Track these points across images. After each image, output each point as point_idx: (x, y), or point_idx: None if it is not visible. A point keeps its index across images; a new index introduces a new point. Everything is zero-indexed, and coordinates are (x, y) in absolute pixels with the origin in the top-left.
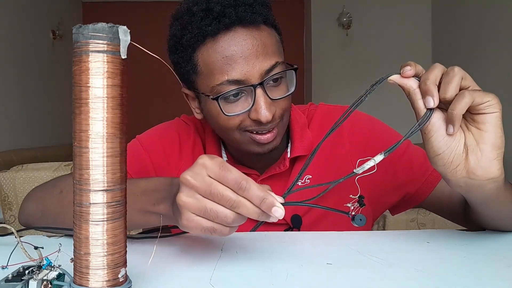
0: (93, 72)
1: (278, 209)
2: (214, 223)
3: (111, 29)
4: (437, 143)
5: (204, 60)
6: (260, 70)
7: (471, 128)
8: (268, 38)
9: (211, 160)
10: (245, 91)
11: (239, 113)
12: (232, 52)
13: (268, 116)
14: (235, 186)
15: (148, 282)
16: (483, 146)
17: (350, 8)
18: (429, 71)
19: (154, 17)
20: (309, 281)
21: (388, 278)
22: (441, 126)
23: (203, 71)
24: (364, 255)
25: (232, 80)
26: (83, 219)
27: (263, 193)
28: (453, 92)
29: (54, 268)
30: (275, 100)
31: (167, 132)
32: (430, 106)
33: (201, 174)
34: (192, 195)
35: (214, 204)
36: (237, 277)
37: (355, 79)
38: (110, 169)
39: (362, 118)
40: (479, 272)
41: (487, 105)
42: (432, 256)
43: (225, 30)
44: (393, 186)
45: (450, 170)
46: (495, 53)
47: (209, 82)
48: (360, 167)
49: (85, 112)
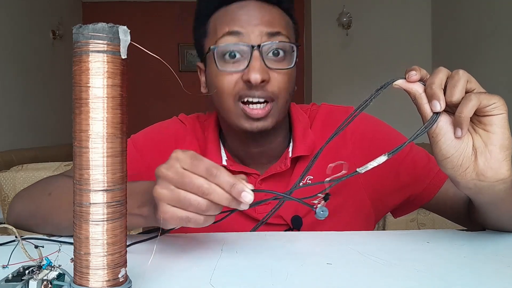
0: (93, 72)
1: (247, 194)
2: (189, 212)
3: (111, 29)
4: (445, 146)
5: (213, 21)
6: (260, 30)
7: (478, 130)
8: (278, 15)
9: (183, 153)
10: (244, 53)
11: (232, 70)
12: (238, 13)
13: (258, 78)
14: (206, 174)
15: (148, 282)
16: (491, 147)
17: (350, 8)
18: (434, 75)
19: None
20: (309, 281)
21: (388, 278)
22: (448, 129)
23: (211, 31)
24: (364, 255)
25: (232, 31)
26: (83, 219)
27: (233, 179)
28: (460, 95)
29: (54, 268)
30: (271, 69)
31: (162, 133)
32: (437, 110)
33: (175, 166)
34: (167, 186)
35: (187, 193)
36: (237, 277)
37: (355, 79)
38: (110, 169)
39: (366, 119)
40: (479, 272)
41: (493, 106)
42: (432, 256)
43: (239, 1)
44: (396, 187)
45: (460, 173)
46: (496, 53)
47: (213, 38)
48: (363, 166)
49: (85, 112)
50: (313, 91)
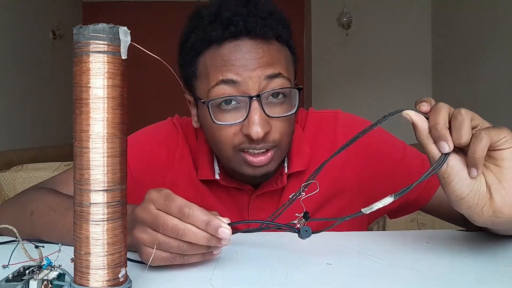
0: (93, 72)
1: (224, 229)
2: (172, 253)
3: (112, 30)
4: (459, 187)
5: (204, 63)
6: (259, 75)
7: (490, 165)
8: (276, 52)
9: (157, 193)
10: (241, 101)
11: (229, 123)
12: (233, 56)
13: (260, 133)
14: (179, 214)
15: (148, 282)
16: (506, 183)
17: (350, 8)
18: (437, 114)
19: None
20: (309, 281)
21: (388, 278)
22: (460, 169)
23: (201, 74)
24: (364, 255)
25: (227, 79)
26: (84, 219)
27: (207, 216)
28: (467, 136)
29: (54, 268)
30: (272, 118)
31: (153, 140)
32: (446, 152)
33: (149, 208)
34: (144, 230)
35: (165, 237)
36: (237, 277)
37: (355, 79)
38: (110, 169)
39: (358, 123)
40: (479, 272)
41: (503, 141)
42: (432, 256)
43: (231, 39)
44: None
45: (477, 212)
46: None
47: (206, 84)
48: (368, 207)
49: (86, 112)
50: (313, 91)
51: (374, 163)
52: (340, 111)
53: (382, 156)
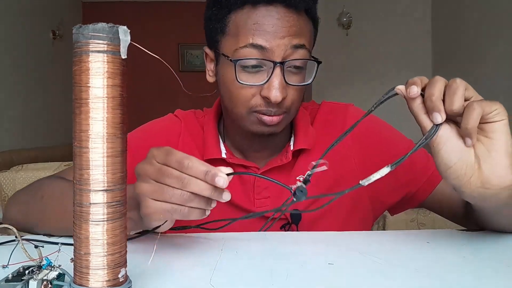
0: (93, 72)
1: (220, 178)
2: (173, 204)
3: (111, 29)
4: (447, 156)
5: (235, 22)
6: (286, 44)
7: (480, 137)
8: (304, 24)
9: (158, 149)
10: (265, 65)
11: (252, 84)
12: (265, 21)
13: (279, 97)
14: (179, 166)
15: (148, 282)
16: (495, 154)
17: (350, 8)
18: (433, 85)
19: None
20: (309, 281)
21: (388, 278)
22: (449, 138)
23: (231, 32)
24: (364, 255)
25: (256, 44)
26: (83, 219)
27: (206, 167)
28: (459, 103)
29: (54, 268)
30: (289, 85)
31: (155, 131)
32: (438, 122)
33: (151, 162)
34: (147, 181)
35: (168, 185)
36: (237, 277)
37: (355, 79)
38: (110, 169)
39: (368, 118)
40: (479, 272)
41: (495, 113)
42: (432, 256)
43: (266, 3)
44: (394, 186)
45: (464, 182)
46: (496, 53)
47: (234, 43)
48: (366, 179)
49: (85, 112)
50: (313, 91)
51: (379, 152)
52: (353, 105)
53: (387, 146)
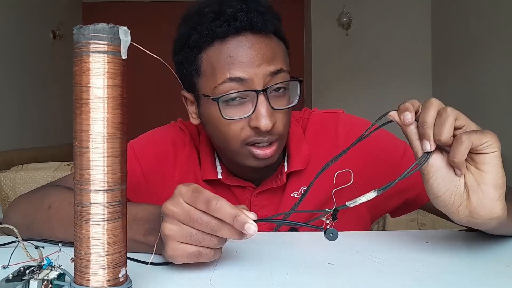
0: (93, 72)
1: (250, 226)
2: (200, 247)
3: (112, 30)
4: (436, 185)
5: (208, 60)
6: (264, 72)
7: (471, 167)
8: (276, 46)
9: (185, 187)
10: (247, 96)
11: (238, 117)
12: (238, 53)
13: (269, 125)
14: (207, 207)
15: (148, 282)
16: (484, 187)
17: (350, 8)
18: (426, 111)
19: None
20: (309, 281)
21: (388, 278)
22: (439, 168)
23: (206, 71)
24: (364, 255)
25: (235, 77)
26: (84, 219)
27: (235, 211)
28: (447, 135)
29: (54, 268)
30: (276, 110)
31: (162, 141)
32: (427, 150)
33: (179, 202)
34: (176, 223)
35: (197, 230)
36: (237, 277)
37: (355, 79)
38: (110, 169)
39: (359, 124)
40: (479, 272)
41: (486, 145)
42: (432, 256)
43: (235, 34)
44: (393, 192)
45: (453, 211)
46: (496, 53)
47: (212, 82)
48: (352, 201)
49: (86, 112)
50: (313, 91)
51: (374, 162)
52: (342, 111)
53: (382, 155)
